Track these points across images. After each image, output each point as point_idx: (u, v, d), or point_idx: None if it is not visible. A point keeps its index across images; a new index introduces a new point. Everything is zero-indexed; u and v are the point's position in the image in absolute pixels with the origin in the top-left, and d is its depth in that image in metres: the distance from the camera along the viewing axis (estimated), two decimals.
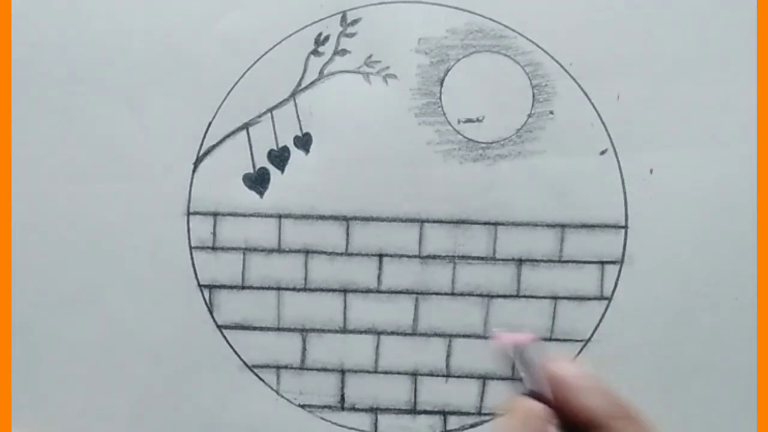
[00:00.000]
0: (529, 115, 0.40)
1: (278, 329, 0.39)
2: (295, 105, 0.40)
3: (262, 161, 0.40)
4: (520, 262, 0.40)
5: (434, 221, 0.40)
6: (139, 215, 0.39)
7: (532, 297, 0.40)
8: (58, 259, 0.39)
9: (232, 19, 0.40)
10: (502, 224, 0.40)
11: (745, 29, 0.39)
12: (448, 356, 0.40)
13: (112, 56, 0.40)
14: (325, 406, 0.40)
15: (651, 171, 0.40)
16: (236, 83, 0.40)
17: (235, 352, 0.39)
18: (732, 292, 0.39)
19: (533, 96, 0.40)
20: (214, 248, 0.39)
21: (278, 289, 0.39)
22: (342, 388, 0.40)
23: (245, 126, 0.40)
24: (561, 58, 0.40)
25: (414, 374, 0.40)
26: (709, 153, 0.39)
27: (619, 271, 0.39)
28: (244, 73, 0.40)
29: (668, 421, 0.39)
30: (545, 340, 0.39)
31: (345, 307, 0.40)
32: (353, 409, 0.40)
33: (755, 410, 0.38)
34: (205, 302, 0.39)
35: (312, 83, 0.40)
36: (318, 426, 0.40)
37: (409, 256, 0.40)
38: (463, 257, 0.40)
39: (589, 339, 0.39)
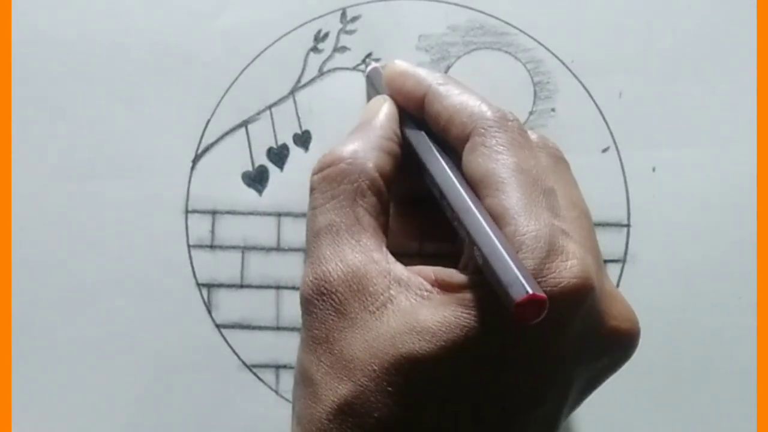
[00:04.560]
0: (531, 113, 0.40)
1: (277, 328, 0.39)
2: (295, 102, 0.40)
3: (261, 159, 0.40)
4: None
5: None
6: (137, 213, 0.39)
7: None
8: (56, 257, 0.39)
9: (230, 16, 0.40)
10: None
11: (749, 25, 0.39)
12: None
13: (110, 54, 0.40)
14: None
15: (654, 169, 0.39)
16: (235, 81, 0.40)
17: (234, 352, 0.39)
18: (735, 290, 0.39)
19: (535, 93, 0.40)
20: (212, 247, 0.39)
21: (277, 288, 0.39)
22: None
23: (244, 123, 0.40)
24: (563, 56, 0.40)
25: None
26: (712, 151, 0.39)
27: (622, 270, 0.39)
28: (243, 71, 0.40)
29: (669, 420, 0.39)
30: None
31: None
32: None
33: (755, 410, 0.37)
34: (203, 301, 0.39)
35: (311, 80, 0.40)
36: None
37: None
38: None
39: None
